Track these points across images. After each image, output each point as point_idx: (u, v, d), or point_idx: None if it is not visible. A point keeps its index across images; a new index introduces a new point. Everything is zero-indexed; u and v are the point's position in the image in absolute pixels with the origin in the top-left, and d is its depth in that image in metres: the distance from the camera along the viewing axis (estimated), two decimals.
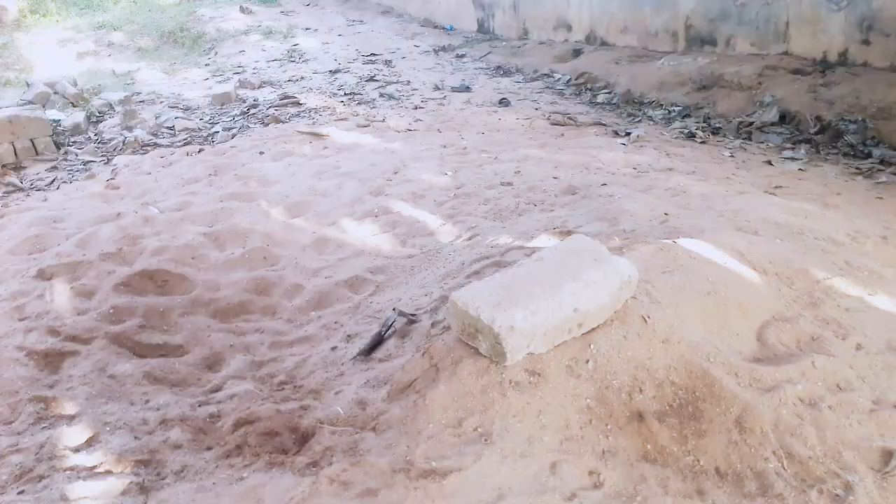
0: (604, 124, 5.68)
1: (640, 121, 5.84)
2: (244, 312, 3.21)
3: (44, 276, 3.36)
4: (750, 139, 5.06)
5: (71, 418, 2.35)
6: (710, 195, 3.46)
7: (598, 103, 6.56)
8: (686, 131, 5.30)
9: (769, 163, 4.43)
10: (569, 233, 3.13)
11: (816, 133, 4.87)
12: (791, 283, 2.29)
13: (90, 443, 2.18)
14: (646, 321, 1.82)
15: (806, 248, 2.62)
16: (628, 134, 5.20)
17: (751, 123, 5.25)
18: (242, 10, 11.68)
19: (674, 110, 5.92)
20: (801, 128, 5.04)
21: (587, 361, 1.71)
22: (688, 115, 5.77)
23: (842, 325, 2.06)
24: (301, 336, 2.97)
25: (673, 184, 3.71)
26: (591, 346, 1.74)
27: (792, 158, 4.51)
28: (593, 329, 1.78)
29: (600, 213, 3.22)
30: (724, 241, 2.49)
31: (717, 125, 5.41)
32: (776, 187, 3.78)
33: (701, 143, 5.03)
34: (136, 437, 2.12)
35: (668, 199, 3.38)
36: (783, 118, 5.21)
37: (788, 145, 4.82)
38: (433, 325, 2.29)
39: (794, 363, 1.80)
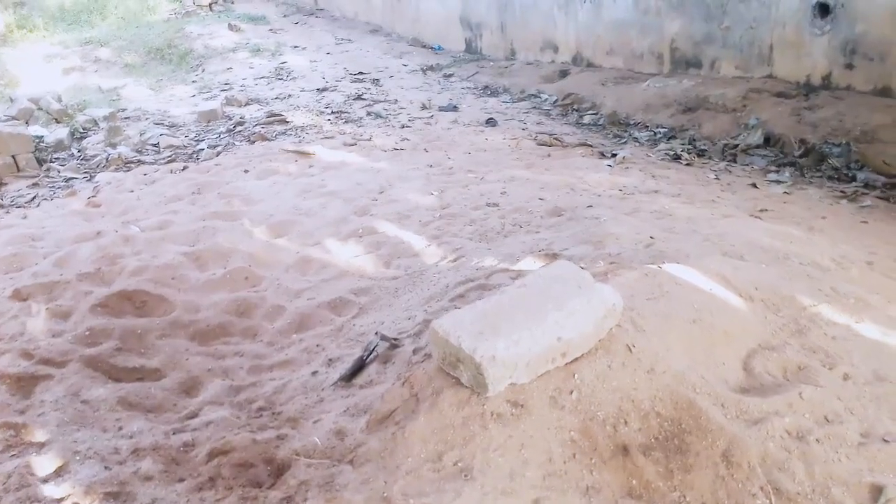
0: (590, 145, 5.69)
1: (625, 142, 5.85)
2: (224, 335, 3.15)
3: (19, 296, 3.29)
4: (735, 161, 5.08)
5: (41, 446, 2.27)
6: (695, 218, 3.45)
7: (585, 124, 6.58)
8: (671, 153, 5.31)
9: (754, 185, 4.44)
10: (554, 256, 3.11)
11: (801, 156, 4.90)
12: (777, 309, 2.27)
13: (59, 472, 2.10)
14: (631, 350, 1.79)
15: (792, 273, 2.61)
16: (614, 155, 5.21)
17: (736, 146, 5.28)
18: (231, 27, 11.67)
19: (659, 132, 5.95)
20: (785, 150, 5.07)
21: (571, 392, 1.68)
22: (673, 137, 5.79)
23: (829, 353, 2.03)
24: (281, 360, 2.91)
25: (658, 206, 3.70)
26: (576, 376, 1.71)
27: (777, 181, 4.53)
28: (577, 358, 1.75)
29: (586, 235, 3.20)
30: (710, 266, 2.47)
31: (703, 147, 5.43)
32: (761, 210, 3.78)
33: (686, 165, 5.04)
34: (106, 468, 2.05)
35: (654, 222, 3.37)
36: (768, 141, 5.24)
37: (773, 168, 4.84)
38: (415, 351, 2.25)
39: (782, 394, 1.77)
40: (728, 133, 5.55)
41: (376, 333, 2.70)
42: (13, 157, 5.67)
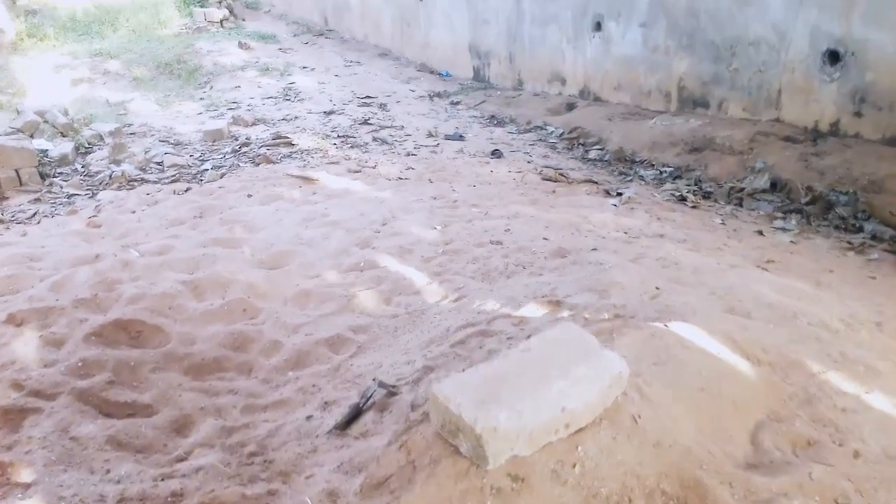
0: (595, 182, 5.67)
1: (631, 180, 5.83)
2: (219, 370, 3.09)
3: (14, 321, 3.23)
4: (741, 206, 5.05)
5: (26, 487, 2.21)
6: (701, 268, 3.40)
7: (590, 159, 6.57)
8: (677, 194, 5.29)
9: (760, 233, 4.41)
10: (558, 303, 3.06)
11: (808, 203, 4.87)
12: (785, 375, 2.22)
13: None
14: (636, 421, 1.74)
15: (800, 335, 2.56)
16: (620, 194, 5.19)
17: (742, 189, 5.26)
18: (241, 45, 11.73)
19: (665, 171, 5.93)
20: (792, 197, 5.04)
21: (574, 466, 1.62)
22: (679, 177, 5.77)
23: (838, 427, 1.98)
24: (276, 399, 2.85)
25: (664, 253, 3.66)
26: (579, 449, 1.65)
27: (783, 229, 4.50)
28: (581, 429, 1.69)
29: (590, 282, 3.16)
30: (717, 326, 2.42)
31: (709, 189, 5.41)
32: (768, 261, 3.74)
33: (692, 207, 5.01)
34: None
35: (660, 271, 3.32)
36: (774, 186, 5.22)
37: (780, 214, 4.81)
38: (413, 406, 2.19)
39: (791, 474, 1.71)
40: (734, 175, 5.53)
41: (374, 379, 2.65)
42: (16, 170, 5.65)
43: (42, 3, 16.19)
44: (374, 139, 7.20)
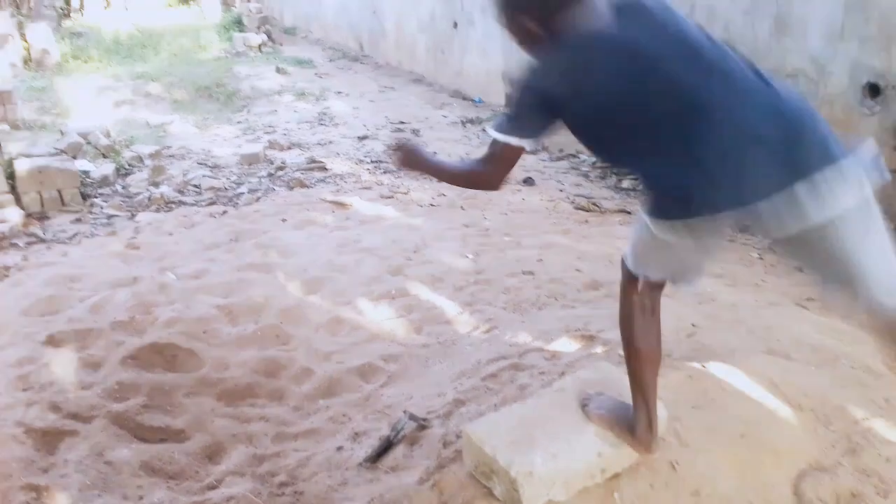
0: (629, 212, 5.62)
1: None
2: (251, 396, 3.12)
3: (53, 342, 3.30)
4: None
5: None
6: (739, 305, 3.35)
7: (623, 189, 6.52)
8: None
9: (799, 269, 4.31)
10: (591, 337, 3.03)
11: None
12: (828, 422, 2.16)
13: None
14: (675, 468, 1.70)
15: (843, 379, 2.49)
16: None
17: None
18: (278, 70, 11.97)
19: None
20: None
21: None
22: None
23: (883, 478, 1.92)
24: (307, 428, 2.86)
25: (699, 288, 3.60)
26: (615, 495, 1.62)
27: None
28: (618, 474, 1.66)
29: None
30: (757, 368, 2.37)
31: (745, 223, 5.32)
32: (808, 299, 3.66)
33: (729, 241, 4.94)
34: None
35: (695, 307, 3.27)
36: None
37: None
38: (445, 443, 2.18)
39: None
40: None
41: (404, 412, 2.64)
42: (59, 191, 5.80)
43: (87, 25, 16.77)
44: None
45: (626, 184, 6.61)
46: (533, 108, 1.54)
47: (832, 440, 2.07)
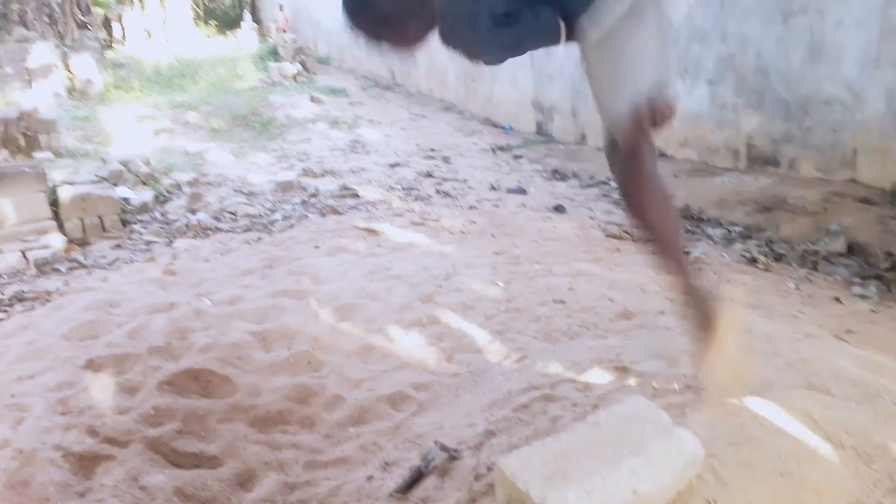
0: None
1: (698, 239, 5.71)
2: (282, 423, 3.14)
3: (92, 366, 3.38)
4: (816, 269, 4.87)
5: None
6: (775, 337, 3.28)
7: None
8: (747, 255, 5.14)
9: (838, 300, 4.23)
10: (624, 369, 2.99)
11: (887, 269, 4.66)
12: (870, 460, 2.09)
13: None
14: None
15: (885, 415, 2.41)
16: (687, 254, 5.07)
17: (816, 252, 5.07)
18: (312, 99, 12.23)
19: (734, 230, 5.79)
20: (870, 261, 4.83)
21: None
22: (749, 237, 5.62)
23: None
24: (337, 457, 2.87)
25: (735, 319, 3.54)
26: None
27: (862, 296, 4.30)
28: None
29: (658, 349, 3.08)
30: (796, 403, 2.31)
31: (781, 251, 5.24)
32: (847, 332, 3.57)
33: (764, 269, 4.87)
34: None
35: (731, 339, 3.21)
36: (851, 249, 5.02)
37: (857, 280, 4.61)
38: (476, 476, 2.17)
39: None
40: (808, 237, 5.35)
41: (435, 442, 2.63)
42: (100, 217, 5.98)
43: (129, 56, 17.37)
44: (437, 191, 7.32)
45: None
46: None
47: (874, 479, 2.01)
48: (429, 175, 8.03)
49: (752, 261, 5.05)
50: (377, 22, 1.85)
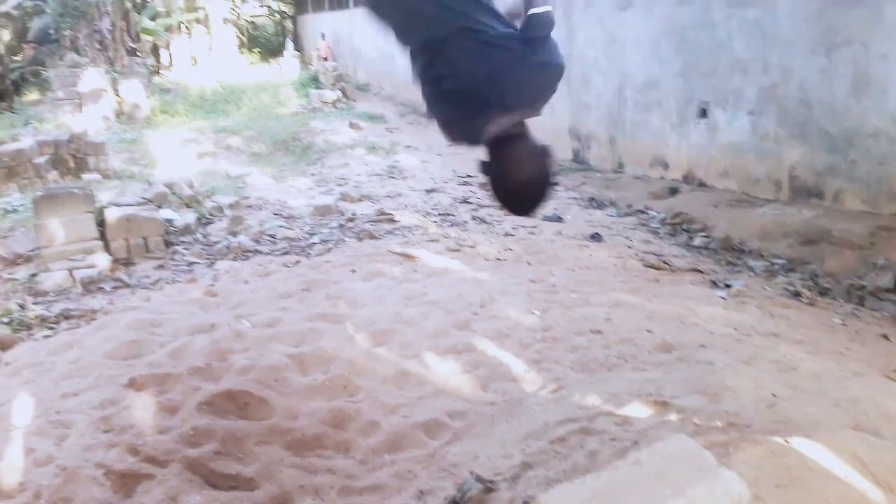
0: (701, 271, 5.50)
1: (740, 271, 5.62)
2: (318, 446, 3.15)
3: (135, 385, 3.44)
4: (863, 305, 4.74)
5: None
6: (822, 375, 3.19)
7: (695, 247, 6.39)
8: (791, 289, 5.03)
9: (886, 337, 4.10)
10: (664, 403, 2.94)
11: None
12: None
13: None
14: None
15: None
16: (728, 286, 5.00)
17: (863, 287, 4.94)
18: (351, 125, 12.43)
19: (777, 263, 5.68)
20: None
21: None
22: (792, 270, 5.51)
23: None
24: (372, 483, 2.86)
25: (780, 355, 3.46)
26: None
27: None
28: None
29: (699, 384, 3.02)
30: (844, 444, 2.25)
31: (826, 285, 5.12)
32: (895, 370, 3.47)
33: (808, 304, 4.75)
34: None
35: (776, 376, 3.14)
36: None
37: None
38: None
39: None
40: (854, 272, 5.22)
41: (471, 473, 2.61)
42: (144, 238, 6.13)
43: (175, 82, 17.92)
44: (474, 218, 7.34)
45: (697, 241, 6.49)
46: None
47: None
48: (465, 201, 8.07)
49: (796, 294, 4.94)
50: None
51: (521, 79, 1.84)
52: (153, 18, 18.25)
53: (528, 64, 1.83)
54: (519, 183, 1.91)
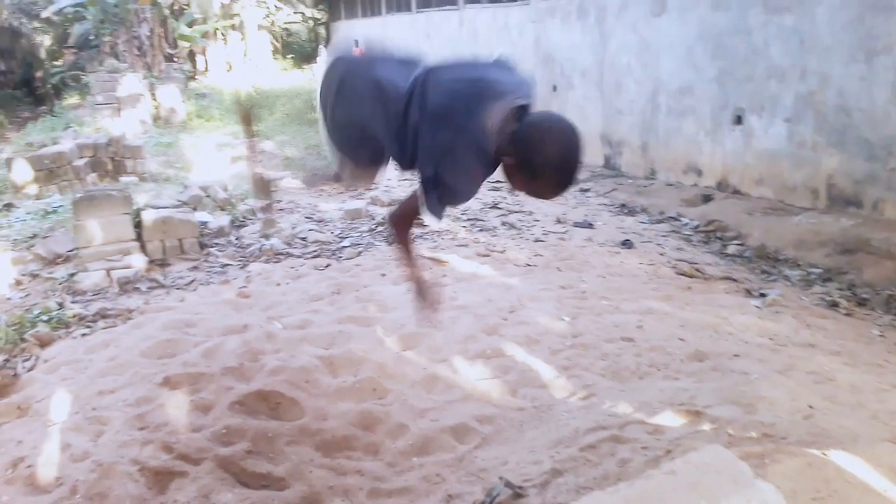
0: (735, 280, 5.41)
1: (775, 279, 5.51)
2: (348, 448, 3.17)
3: (169, 384, 3.51)
4: None
5: None
6: (860, 387, 3.12)
7: (729, 255, 6.29)
8: (828, 299, 4.92)
9: None
10: (697, 413, 2.90)
11: None
12: None
13: None
14: None
15: None
16: (763, 295, 4.91)
17: None
18: None
19: (813, 272, 5.56)
20: None
21: None
22: (829, 280, 5.39)
23: None
24: (400, 486, 2.87)
25: (816, 366, 3.39)
26: None
27: None
28: None
29: (733, 394, 2.98)
30: (883, 458, 2.20)
31: (864, 295, 5.00)
32: None
33: (846, 314, 4.64)
34: None
35: (812, 387, 3.08)
36: None
37: None
38: None
39: None
40: (893, 282, 5.09)
41: (500, 478, 2.61)
42: (180, 240, 6.23)
43: (210, 87, 18.23)
44: (503, 223, 7.32)
45: (731, 249, 6.39)
46: None
47: None
48: (494, 206, 8.06)
49: (833, 305, 4.83)
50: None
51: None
52: (190, 25, 18.61)
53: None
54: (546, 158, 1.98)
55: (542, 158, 1.94)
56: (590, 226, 7.31)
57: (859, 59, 6.02)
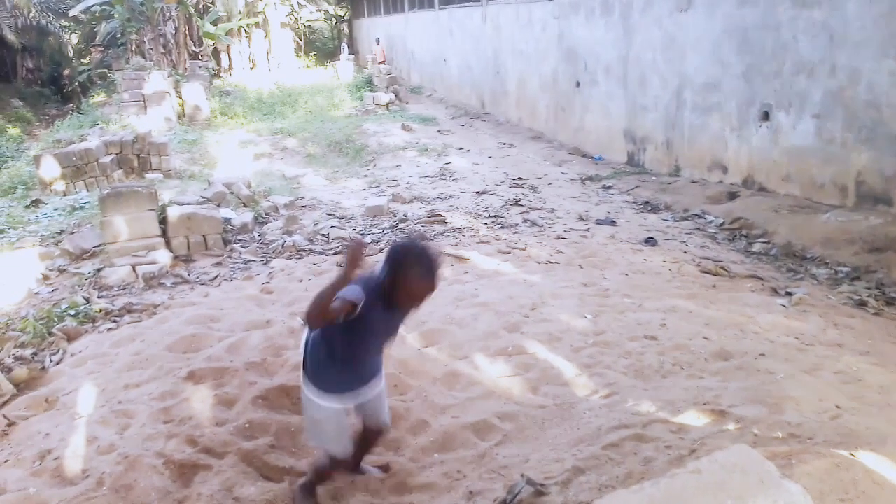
0: (760, 278, 5.33)
1: (801, 278, 5.43)
2: None
3: (193, 378, 3.55)
4: None
5: None
6: (889, 387, 3.06)
7: (754, 253, 6.21)
8: (856, 297, 4.84)
9: None
10: (722, 413, 2.86)
11: None
12: None
13: None
14: None
15: None
16: (789, 294, 4.83)
17: None
18: (404, 127, 12.52)
19: (841, 271, 5.46)
20: None
21: None
22: (857, 279, 5.29)
23: None
24: (423, 482, 2.87)
25: (843, 366, 3.33)
26: None
27: None
28: None
29: (759, 394, 2.93)
30: None
31: (893, 294, 4.90)
32: None
33: (874, 314, 4.56)
34: None
35: (839, 387, 3.03)
36: None
37: None
38: None
39: None
40: None
41: (522, 475, 2.59)
42: (204, 236, 6.29)
43: (234, 84, 18.38)
44: (525, 221, 7.29)
45: (757, 247, 6.30)
46: None
47: None
48: (516, 203, 8.03)
49: (862, 304, 4.74)
50: None
51: None
52: (215, 23, 18.79)
53: None
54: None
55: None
56: (612, 223, 7.26)
57: (890, 54, 5.89)
